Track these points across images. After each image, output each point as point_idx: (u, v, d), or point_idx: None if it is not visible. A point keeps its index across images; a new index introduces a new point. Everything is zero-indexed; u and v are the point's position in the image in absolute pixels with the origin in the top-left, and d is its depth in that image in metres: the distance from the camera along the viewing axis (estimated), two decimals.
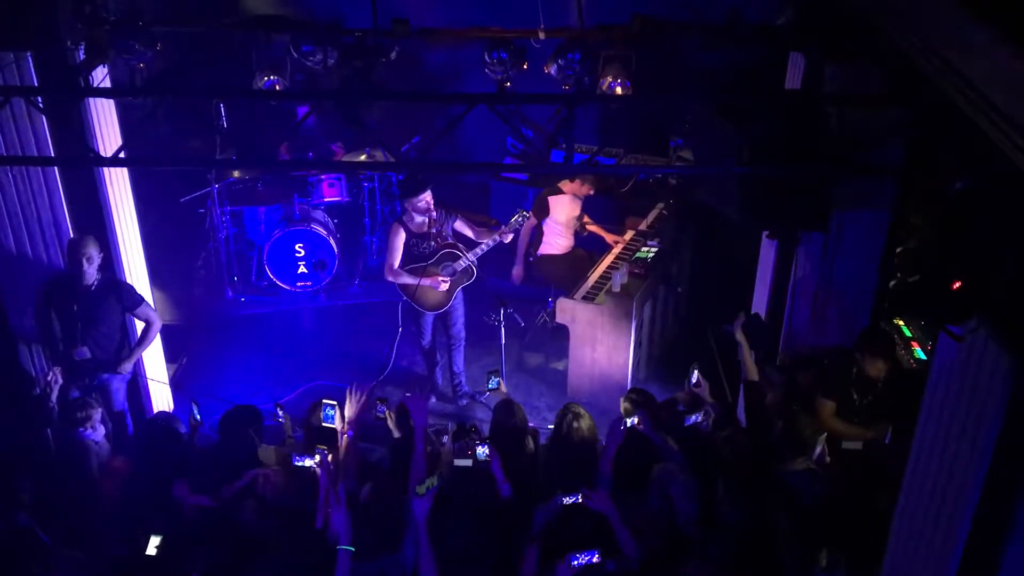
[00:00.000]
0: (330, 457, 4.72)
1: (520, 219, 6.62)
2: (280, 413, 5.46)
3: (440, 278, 6.61)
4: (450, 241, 6.63)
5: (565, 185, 7.28)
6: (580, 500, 4.25)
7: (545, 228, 7.45)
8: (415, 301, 6.71)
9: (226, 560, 4.42)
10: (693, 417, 5.00)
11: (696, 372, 5.26)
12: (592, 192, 7.54)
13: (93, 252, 5.57)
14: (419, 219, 6.51)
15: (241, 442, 5.04)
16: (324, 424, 5.04)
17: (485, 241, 6.58)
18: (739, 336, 5.38)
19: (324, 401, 5.10)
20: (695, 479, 4.50)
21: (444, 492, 4.30)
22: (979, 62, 3.28)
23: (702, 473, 4.59)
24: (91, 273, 5.60)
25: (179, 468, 4.94)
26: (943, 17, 3.57)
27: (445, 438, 5.13)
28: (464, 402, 7.15)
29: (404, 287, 6.65)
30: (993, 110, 3.15)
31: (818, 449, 4.76)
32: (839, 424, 5.31)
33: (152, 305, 6.22)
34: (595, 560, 3.99)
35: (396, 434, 5.14)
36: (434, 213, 6.48)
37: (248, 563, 4.41)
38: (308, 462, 4.66)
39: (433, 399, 7.14)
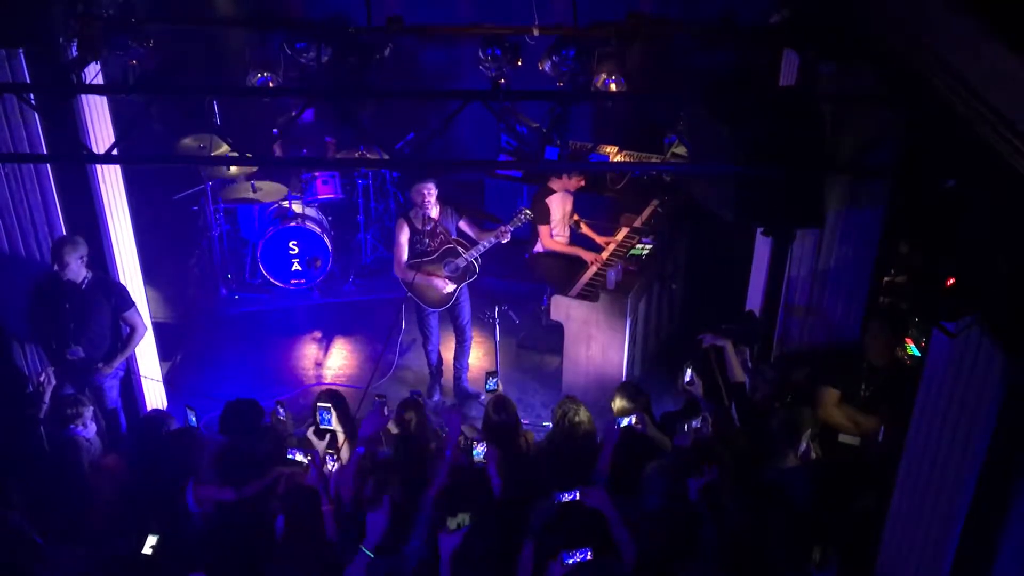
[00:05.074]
0: (335, 461, 4.72)
1: (522, 217, 6.64)
2: (282, 411, 5.45)
3: (445, 278, 6.63)
4: (453, 238, 6.65)
5: (554, 183, 7.27)
6: (577, 497, 4.25)
7: (541, 227, 7.43)
8: (420, 298, 6.73)
9: (244, 557, 4.41)
10: (693, 422, 4.99)
11: (690, 370, 5.26)
12: (583, 183, 7.52)
13: (70, 257, 5.45)
14: (422, 213, 6.52)
15: (263, 437, 4.99)
16: (321, 427, 5.04)
17: (485, 240, 6.59)
18: (720, 341, 5.36)
19: (319, 404, 5.10)
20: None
21: (444, 491, 4.32)
22: (972, 60, 3.29)
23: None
24: (78, 272, 5.55)
25: (184, 467, 4.90)
26: (936, 15, 3.57)
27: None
28: (462, 396, 7.14)
29: (410, 284, 6.66)
30: (987, 108, 3.16)
31: (803, 446, 4.75)
32: (841, 414, 5.23)
33: (144, 309, 6.16)
34: (588, 558, 3.99)
35: (394, 431, 5.14)
36: (430, 210, 6.48)
37: (265, 561, 4.41)
38: (299, 456, 4.66)
39: (437, 397, 7.14)
